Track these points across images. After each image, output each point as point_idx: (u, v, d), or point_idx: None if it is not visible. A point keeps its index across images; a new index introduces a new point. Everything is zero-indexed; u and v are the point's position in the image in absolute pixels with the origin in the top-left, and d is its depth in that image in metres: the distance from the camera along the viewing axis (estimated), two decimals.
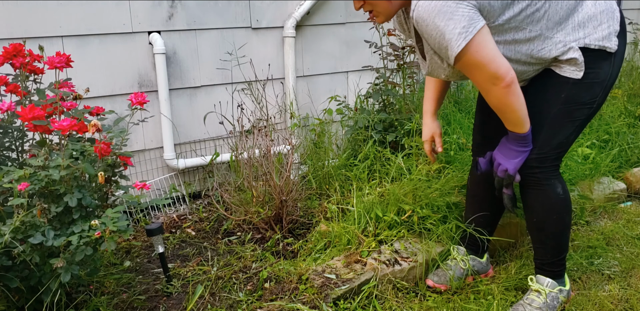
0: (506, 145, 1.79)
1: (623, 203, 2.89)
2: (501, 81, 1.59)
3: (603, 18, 1.69)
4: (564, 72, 1.71)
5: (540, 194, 1.83)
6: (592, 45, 1.68)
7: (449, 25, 1.52)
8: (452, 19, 1.51)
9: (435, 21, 1.52)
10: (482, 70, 1.59)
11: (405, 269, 2.05)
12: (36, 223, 1.54)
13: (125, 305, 1.85)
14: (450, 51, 1.56)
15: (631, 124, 3.36)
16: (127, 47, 2.49)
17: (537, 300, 1.89)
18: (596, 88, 1.72)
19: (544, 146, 1.77)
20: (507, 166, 1.78)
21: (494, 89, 1.62)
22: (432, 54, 1.70)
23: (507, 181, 1.83)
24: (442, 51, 1.60)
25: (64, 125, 1.60)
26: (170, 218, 2.57)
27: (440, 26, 1.52)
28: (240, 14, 2.76)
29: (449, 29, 1.52)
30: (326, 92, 3.15)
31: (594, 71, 1.70)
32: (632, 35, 4.57)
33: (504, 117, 1.72)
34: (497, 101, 1.66)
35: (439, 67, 1.72)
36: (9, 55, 1.76)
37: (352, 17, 3.14)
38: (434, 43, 1.59)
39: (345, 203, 2.41)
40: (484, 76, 1.61)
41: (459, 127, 2.75)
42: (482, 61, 1.57)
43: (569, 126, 1.77)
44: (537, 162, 1.78)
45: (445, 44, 1.55)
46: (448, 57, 1.59)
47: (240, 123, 2.58)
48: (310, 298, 1.85)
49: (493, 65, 1.58)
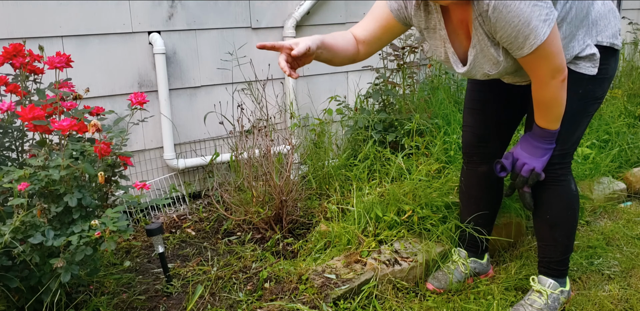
0: (532, 143, 1.77)
1: (623, 203, 2.89)
2: (561, 74, 1.59)
3: (610, 16, 1.73)
4: (580, 68, 1.71)
5: (558, 191, 1.84)
6: (604, 42, 1.71)
7: (535, 11, 1.46)
8: (537, 5, 1.46)
9: (520, 6, 1.45)
10: (551, 61, 1.56)
11: (405, 269, 2.05)
12: (36, 223, 1.53)
13: (125, 305, 1.85)
14: (535, 39, 1.49)
15: (631, 124, 3.36)
16: (127, 47, 2.49)
17: (538, 301, 1.89)
18: (606, 83, 1.78)
19: (566, 142, 1.79)
20: (535, 164, 1.77)
21: (552, 82, 1.60)
22: (486, 47, 1.60)
23: (533, 180, 1.79)
24: (517, 40, 1.51)
25: (64, 125, 1.60)
26: (170, 218, 2.57)
27: (526, 12, 1.46)
28: (240, 14, 2.76)
29: (535, 15, 1.46)
30: (326, 92, 3.15)
31: (605, 67, 1.74)
32: (632, 35, 4.57)
33: (548, 113, 1.69)
34: (550, 95, 1.64)
35: (490, 61, 1.64)
36: (9, 55, 1.76)
37: (352, 17, 3.14)
38: (511, 32, 1.50)
39: (345, 203, 2.41)
40: (550, 68, 1.58)
41: (459, 127, 2.75)
42: (554, 51, 1.55)
43: (585, 121, 1.81)
44: (560, 158, 1.80)
45: (528, 32, 1.48)
46: (525, 46, 1.52)
47: (240, 123, 2.58)
48: (310, 298, 1.85)
49: (560, 56, 1.57)
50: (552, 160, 1.79)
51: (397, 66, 2.92)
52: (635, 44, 4.48)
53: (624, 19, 4.50)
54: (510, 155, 1.83)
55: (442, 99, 3.01)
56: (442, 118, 2.83)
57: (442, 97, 3.04)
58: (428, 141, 2.63)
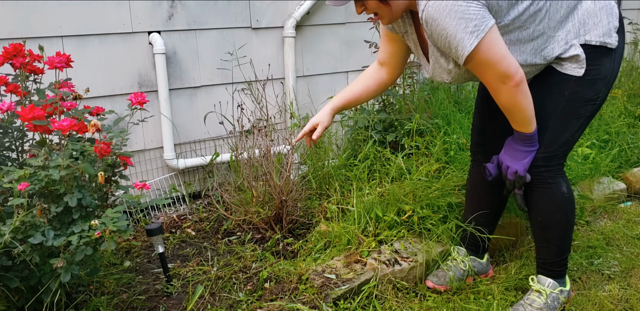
0: (512, 146, 1.78)
1: (623, 203, 2.89)
2: (511, 79, 1.59)
3: (602, 14, 1.71)
4: (566, 69, 1.71)
5: (546, 193, 1.83)
6: (593, 41, 1.69)
7: (460, 24, 1.51)
8: (463, 17, 1.50)
9: (446, 20, 1.51)
10: (493, 69, 1.59)
11: (405, 269, 2.05)
12: (36, 223, 1.53)
13: (125, 305, 1.85)
14: (462, 50, 1.55)
15: (631, 124, 3.36)
16: (127, 47, 2.49)
17: (537, 301, 1.89)
18: (599, 84, 1.74)
19: (551, 145, 1.78)
20: (517, 167, 1.78)
21: (503, 88, 1.62)
22: (437, 57, 1.69)
23: (519, 183, 1.81)
24: (452, 51, 1.59)
25: (64, 125, 1.60)
26: (170, 218, 2.57)
27: (451, 25, 1.51)
28: (240, 14, 2.76)
29: (461, 28, 1.51)
30: (326, 92, 3.15)
31: (595, 68, 1.71)
32: (632, 35, 4.57)
33: (512, 117, 1.71)
34: (505, 100, 1.66)
35: (444, 70, 1.71)
36: (9, 55, 1.76)
37: (352, 17, 3.14)
38: (444, 43, 1.58)
39: (345, 203, 2.41)
40: (494, 75, 1.60)
41: (459, 127, 2.75)
42: (493, 59, 1.57)
43: (574, 123, 1.78)
44: (544, 161, 1.79)
45: (456, 43, 1.54)
46: (458, 57, 1.58)
47: (240, 123, 2.58)
48: (310, 298, 1.85)
49: (504, 63, 1.58)
50: (536, 163, 1.79)
51: None
52: (635, 44, 4.48)
53: (624, 18, 4.49)
54: (495, 158, 1.87)
55: (442, 99, 3.01)
56: (442, 118, 2.83)
57: (442, 97, 3.04)
58: (428, 141, 2.63)
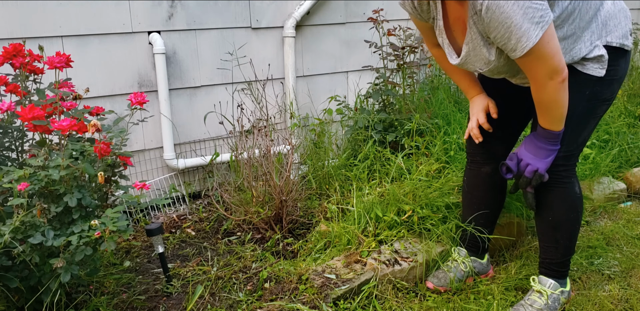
0: (535, 144, 1.76)
1: (623, 203, 2.89)
2: (559, 75, 1.57)
3: (621, 17, 1.71)
4: (587, 70, 1.71)
5: (562, 192, 1.83)
6: (614, 43, 1.70)
7: (528, 14, 1.46)
8: (531, 6, 1.45)
9: (513, 8, 1.45)
10: (547, 63, 1.55)
11: (405, 269, 2.05)
12: (36, 223, 1.53)
13: (125, 305, 1.85)
14: (527, 41, 1.49)
15: (631, 124, 3.36)
16: (127, 47, 2.49)
17: (538, 301, 1.89)
18: (615, 85, 1.76)
19: (571, 144, 1.78)
20: (538, 165, 1.75)
21: (550, 83, 1.59)
22: (478, 46, 1.63)
23: (537, 181, 1.78)
24: (510, 42, 1.52)
25: (63, 125, 1.60)
26: (170, 218, 2.57)
27: (519, 14, 1.46)
28: (240, 14, 2.76)
29: (528, 17, 1.46)
30: (326, 92, 3.15)
31: (614, 68, 1.72)
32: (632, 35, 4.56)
33: (549, 113, 1.68)
34: (548, 96, 1.63)
35: (480, 59, 1.66)
36: (9, 55, 1.76)
37: (352, 17, 3.14)
38: (504, 33, 1.51)
39: (345, 203, 2.41)
40: (546, 69, 1.57)
41: (459, 127, 2.75)
42: (550, 52, 1.53)
43: (592, 122, 1.79)
44: (564, 160, 1.79)
45: (520, 34, 1.48)
46: (518, 48, 1.52)
47: (240, 123, 2.58)
48: (310, 298, 1.85)
49: (557, 57, 1.55)
50: (557, 161, 1.77)
51: (397, 65, 2.91)
52: (636, 44, 4.48)
53: None
54: (514, 156, 1.82)
55: (442, 99, 3.01)
56: (442, 118, 2.83)
57: (442, 97, 3.04)
58: (428, 141, 2.63)
